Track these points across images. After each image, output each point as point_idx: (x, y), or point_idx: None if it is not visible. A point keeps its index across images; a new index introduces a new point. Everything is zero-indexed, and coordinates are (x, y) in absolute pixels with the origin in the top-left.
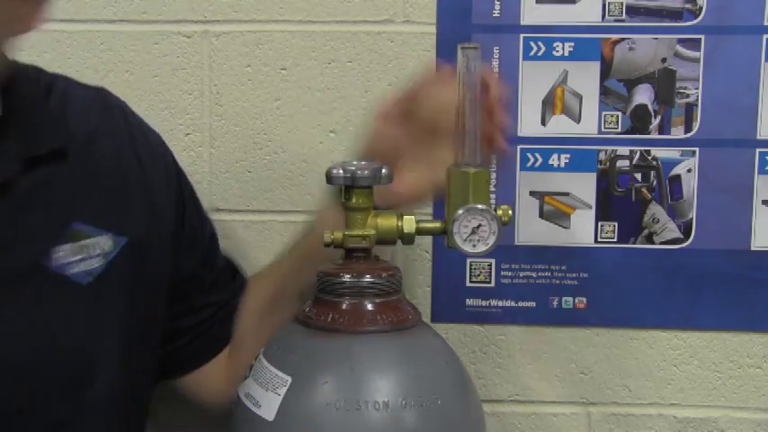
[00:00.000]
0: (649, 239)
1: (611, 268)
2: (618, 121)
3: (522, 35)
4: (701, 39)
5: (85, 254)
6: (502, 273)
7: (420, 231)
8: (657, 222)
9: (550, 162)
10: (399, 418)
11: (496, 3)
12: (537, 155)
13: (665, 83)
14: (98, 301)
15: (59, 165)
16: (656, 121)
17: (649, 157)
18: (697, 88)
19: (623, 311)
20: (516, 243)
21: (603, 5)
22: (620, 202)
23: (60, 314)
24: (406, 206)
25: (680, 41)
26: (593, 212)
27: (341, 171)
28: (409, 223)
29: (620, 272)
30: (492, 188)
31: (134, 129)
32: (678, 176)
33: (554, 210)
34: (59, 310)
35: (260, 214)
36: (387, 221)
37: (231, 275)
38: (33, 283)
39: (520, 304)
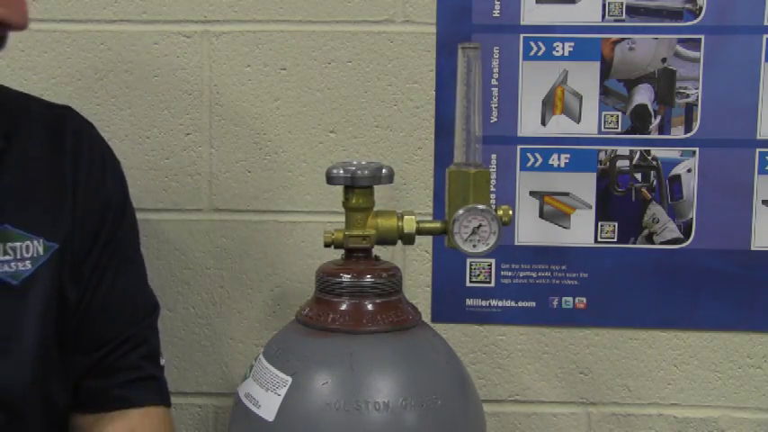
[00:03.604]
0: (649, 239)
1: (611, 268)
2: (618, 121)
3: (522, 35)
4: (701, 39)
5: (13, 255)
6: (502, 273)
7: (420, 231)
8: (657, 222)
9: (550, 162)
10: (399, 418)
11: (496, 3)
12: (537, 155)
13: (665, 83)
14: (23, 304)
15: None
16: (656, 121)
17: (649, 157)
18: (697, 88)
19: (623, 311)
20: (516, 243)
21: (603, 5)
22: (620, 202)
23: None
24: None
25: (680, 41)
26: (593, 212)
27: (341, 171)
28: (409, 223)
29: (620, 272)
30: (492, 188)
31: (81, 156)
32: (678, 176)
33: (554, 210)
34: None
35: (260, 214)
36: (387, 221)
37: (144, 374)
38: None
39: (520, 304)
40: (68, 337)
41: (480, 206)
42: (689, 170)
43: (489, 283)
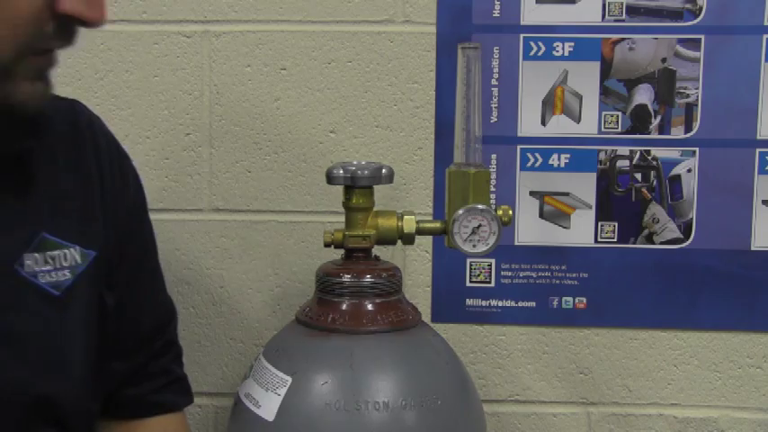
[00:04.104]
0: (649, 239)
1: (611, 268)
2: (618, 121)
3: (522, 35)
4: (701, 39)
5: (53, 265)
6: (502, 273)
7: (420, 231)
8: (657, 222)
9: (550, 162)
10: (399, 418)
11: (496, 3)
12: (537, 155)
13: (665, 83)
14: (66, 314)
15: (24, 171)
16: (656, 121)
17: (649, 157)
18: (697, 88)
19: (623, 311)
20: (516, 243)
21: (603, 5)
22: (620, 202)
23: (32, 320)
24: None
25: (680, 41)
26: (593, 212)
27: (341, 171)
28: (409, 223)
29: (620, 272)
30: (492, 188)
31: (101, 153)
32: (678, 176)
33: (554, 210)
34: (31, 317)
35: (260, 214)
36: (387, 221)
37: (173, 376)
38: (6, 287)
39: (520, 304)
40: (108, 343)
41: (480, 206)
42: (689, 170)
43: (489, 283)
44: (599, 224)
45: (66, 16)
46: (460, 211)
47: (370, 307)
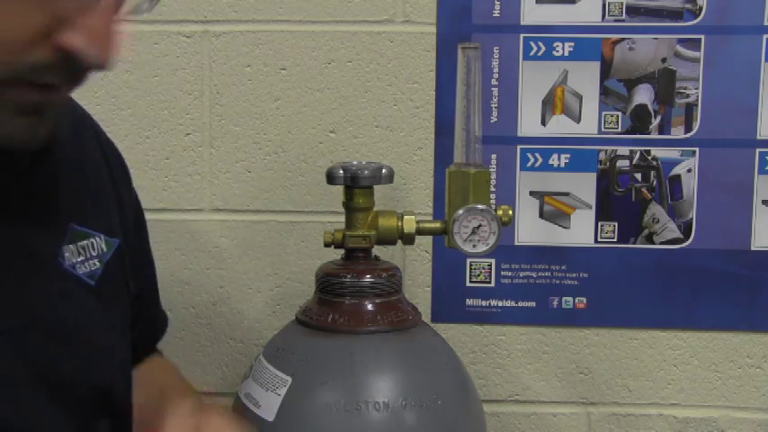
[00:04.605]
0: (649, 239)
1: (611, 268)
2: (618, 121)
3: (522, 35)
4: (701, 39)
5: (85, 255)
6: (502, 273)
7: (420, 231)
8: (657, 222)
9: (550, 162)
10: (399, 418)
11: (496, 3)
12: (537, 155)
13: (665, 83)
14: (102, 302)
15: (45, 164)
16: (656, 121)
17: (649, 157)
18: (697, 88)
19: (623, 311)
20: (516, 243)
21: (603, 5)
22: (620, 202)
23: (80, 312)
24: None
25: (680, 41)
26: (593, 212)
27: (341, 171)
28: (409, 223)
29: (620, 272)
30: (492, 188)
31: (101, 139)
32: (678, 176)
33: (554, 210)
34: (78, 308)
35: (260, 214)
36: (387, 221)
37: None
38: (54, 281)
39: (520, 304)
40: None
41: (480, 206)
42: (689, 170)
43: (489, 283)
44: (599, 224)
45: (66, 51)
46: (460, 211)
47: (370, 307)
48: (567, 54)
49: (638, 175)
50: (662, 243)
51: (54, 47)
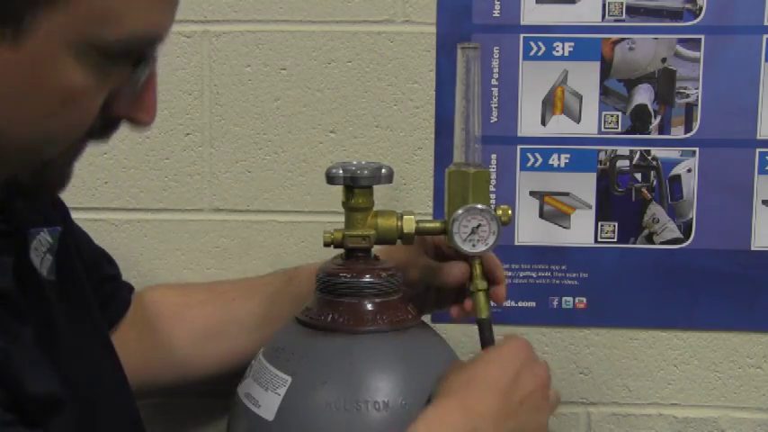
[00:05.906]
0: (649, 239)
1: (611, 268)
2: (618, 121)
3: (522, 35)
4: (701, 39)
5: (37, 254)
6: None
7: (420, 231)
8: (657, 222)
9: (550, 162)
10: (399, 418)
11: (496, 3)
12: (537, 155)
13: (665, 83)
14: (62, 297)
15: None
16: (656, 121)
17: (649, 157)
18: (697, 88)
19: (623, 311)
20: (516, 243)
21: (603, 5)
22: (620, 202)
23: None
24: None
25: (680, 41)
26: (593, 212)
27: (341, 171)
28: (409, 223)
29: (620, 272)
30: (492, 188)
31: None
32: (678, 176)
33: (554, 210)
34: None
35: (260, 214)
36: (387, 221)
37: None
38: (42, 289)
39: (520, 304)
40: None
41: (479, 206)
42: (689, 170)
43: None
44: (599, 224)
45: (117, 117)
46: (460, 211)
47: (369, 307)
48: (566, 54)
49: (638, 175)
50: (662, 243)
51: (105, 116)
